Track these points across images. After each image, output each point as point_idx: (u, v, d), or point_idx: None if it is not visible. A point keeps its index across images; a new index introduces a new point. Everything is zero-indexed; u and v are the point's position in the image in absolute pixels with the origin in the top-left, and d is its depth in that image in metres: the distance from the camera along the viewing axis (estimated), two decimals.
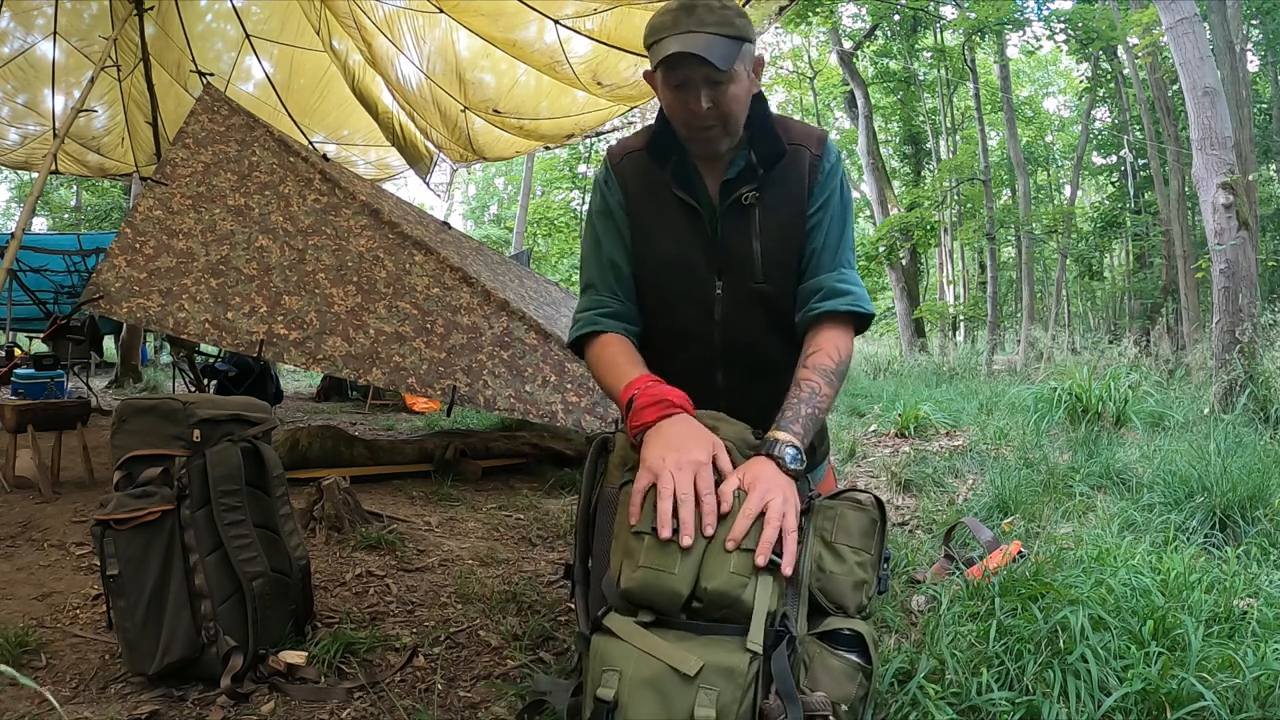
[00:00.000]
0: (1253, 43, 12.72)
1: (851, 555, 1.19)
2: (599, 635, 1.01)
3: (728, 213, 1.38)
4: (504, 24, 4.70)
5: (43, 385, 4.66)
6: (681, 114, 1.32)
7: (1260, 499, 2.49)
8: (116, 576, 1.49)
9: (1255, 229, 6.93)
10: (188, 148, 3.72)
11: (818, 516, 1.21)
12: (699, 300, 1.41)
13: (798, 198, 1.39)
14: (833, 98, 18.62)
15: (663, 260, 1.42)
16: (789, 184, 1.39)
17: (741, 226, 1.38)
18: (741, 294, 1.40)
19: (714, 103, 1.28)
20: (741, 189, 1.37)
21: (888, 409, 5.72)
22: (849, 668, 1.10)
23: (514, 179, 27.52)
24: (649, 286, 1.45)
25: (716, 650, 0.97)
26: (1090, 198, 21.37)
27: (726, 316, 1.41)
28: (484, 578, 2.25)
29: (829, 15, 12.92)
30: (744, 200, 1.37)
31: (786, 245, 1.39)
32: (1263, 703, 1.31)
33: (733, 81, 1.28)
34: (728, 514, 1.06)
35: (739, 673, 0.94)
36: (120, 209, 17.50)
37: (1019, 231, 13.47)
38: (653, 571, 1.02)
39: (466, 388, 3.34)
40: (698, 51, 1.22)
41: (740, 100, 1.32)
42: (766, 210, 1.38)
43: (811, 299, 1.37)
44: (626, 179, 1.45)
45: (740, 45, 1.27)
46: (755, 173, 1.37)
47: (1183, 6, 5.21)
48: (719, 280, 1.40)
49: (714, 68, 1.23)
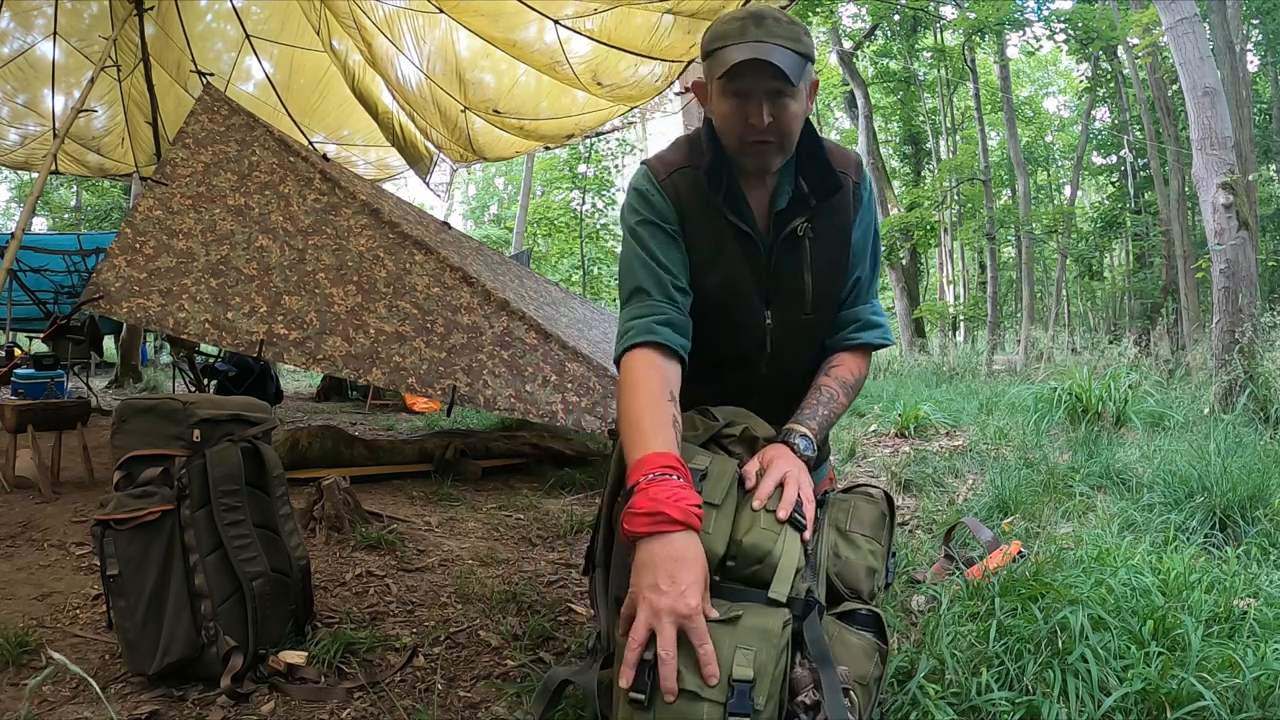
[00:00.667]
0: (1253, 43, 12.72)
1: (865, 543, 1.24)
2: None
3: (781, 244, 1.36)
4: (504, 24, 4.70)
5: (43, 385, 4.66)
6: (738, 125, 1.27)
7: (1260, 499, 2.49)
8: (116, 576, 1.49)
9: (1255, 229, 6.93)
10: (188, 148, 3.72)
11: (832, 509, 1.28)
12: (750, 329, 1.40)
13: (843, 228, 1.40)
14: (833, 98, 18.61)
15: (715, 287, 1.38)
16: (836, 214, 1.39)
17: (794, 258, 1.37)
18: (791, 324, 1.40)
19: (775, 117, 1.24)
20: (795, 220, 1.35)
21: (888, 409, 5.71)
22: (868, 645, 1.13)
23: (514, 179, 27.53)
24: (699, 314, 1.38)
25: (750, 613, 1.00)
26: (1090, 198, 21.37)
27: (776, 346, 1.41)
28: (484, 578, 2.25)
29: (829, 15, 12.93)
30: (798, 232, 1.36)
31: (834, 277, 1.41)
32: (1263, 703, 1.31)
33: (795, 99, 1.26)
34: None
35: (774, 634, 0.98)
36: (120, 209, 17.50)
37: (1019, 231, 13.47)
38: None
39: (466, 388, 3.34)
40: (769, 59, 1.18)
41: (798, 119, 1.29)
42: (817, 242, 1.37)
43: (849, 327, 1.45)
44: (679, 197, 1.37)
45: (806, 64, 1.25)
46: (807, 204, 1.35)
47: (1183, 6, 5.21)
48: (768, 309, 1.40)
49: (785, 80, 1.20)
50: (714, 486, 1.13)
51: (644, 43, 4.42)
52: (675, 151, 1.42)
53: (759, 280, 1.38)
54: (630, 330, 1.31)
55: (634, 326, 1.30)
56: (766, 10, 1.26)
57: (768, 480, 1.16)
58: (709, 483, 1.13)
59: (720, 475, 1.15)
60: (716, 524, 1.09)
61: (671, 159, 1.41)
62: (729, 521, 1.11)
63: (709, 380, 1.42)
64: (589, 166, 19.42)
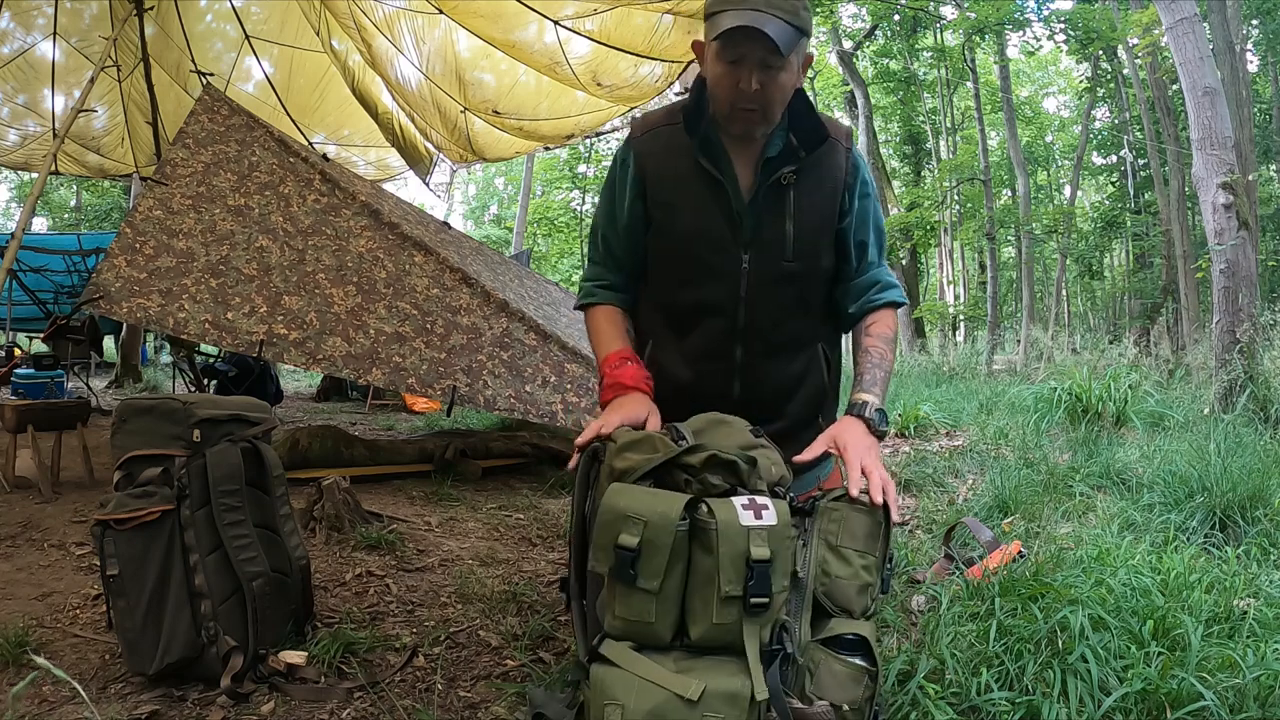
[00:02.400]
0: (1253, 43, 12.72)
1: (856, 559, 1.18)
2: (597, 665, 1.01)
3: (765, 188, 1.39)
4: (504, 25, 4.70)
5: (43, 385, 4.66)
6: (729, 90, 1.31)
7: (1260, 499, 2.49)
8: (116, 576, 1.49)
9: (1255, 229, 6.92)
10: (188, 148, 3.72)
11: (822, 519, 1.21)
12: (724, 275, 1.42)
13: (831, 186, 1.42)
14: (833, 98, 18.60)
15: (686, 233, 1.43)
16: (824, 171, 1.42)
17: (777, 206, 1.40)
18: (769, 271, 1.42)
19: (763, 85, 1.28)
20: (781, 169, 1.38)
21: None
22: (854, 671, 1.10)
23: (514, 179, 27.51)
24: (673, 258, 1.46)
25: (718, 674, 0.97)
26: (1090, 198, 21.36)
27: (751, 292, 1.42)
28: (484, 578, 2.25)
29: (829, 15, 12.93)
30: (783, 181, 1.39)
31: (818, 228, 1.43)
32: (1263, 703, 1.31)
33: (785, 70, 1.29)
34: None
35: (742, 698, 0.94)
36: (120, 209, 17.50)
37: (1019, 231, 13.47)
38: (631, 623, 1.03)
39: (466, 388, 3.34)
40: (763, 28, 1.21)
41: (786, 90, 1.33)
42: (801, 192, 1.40)
43: (869, 291, 1.47)
44: (646, 155, 1.45)
45: (800, 36, 1.28)
46: (796, 154, 1.39)
47: (1183, 6, 5.20)
48: (745, 255, 1.41)
49: (774, 50, 1.23)
50: (649, 564, 1.02)
51: (644, 43, 4.41)
52: (659, 113, 1.51)
53: (731, 225, 1.41)
54: (582, 290, 1.59)
55: (584, 289, 1.58)
56: None
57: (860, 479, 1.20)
58: (642, 562, 1.02)
59: (657, 547, 1.02)
60: (659, 612, 1.01)
61: (652, 119, 1.50)
62: (674, 604, 1.02)
63: (691, 329, 1.47)
64: (589, 166, 19.43)
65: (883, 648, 1.69)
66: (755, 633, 1.00)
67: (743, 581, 0.99)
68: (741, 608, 0.99)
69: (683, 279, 1.45)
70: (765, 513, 1.04)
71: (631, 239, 1.50)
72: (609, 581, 1.06)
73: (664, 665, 0.98)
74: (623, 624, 1.03)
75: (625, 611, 1.03)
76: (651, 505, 1.04)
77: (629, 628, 1.03)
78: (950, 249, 18.06)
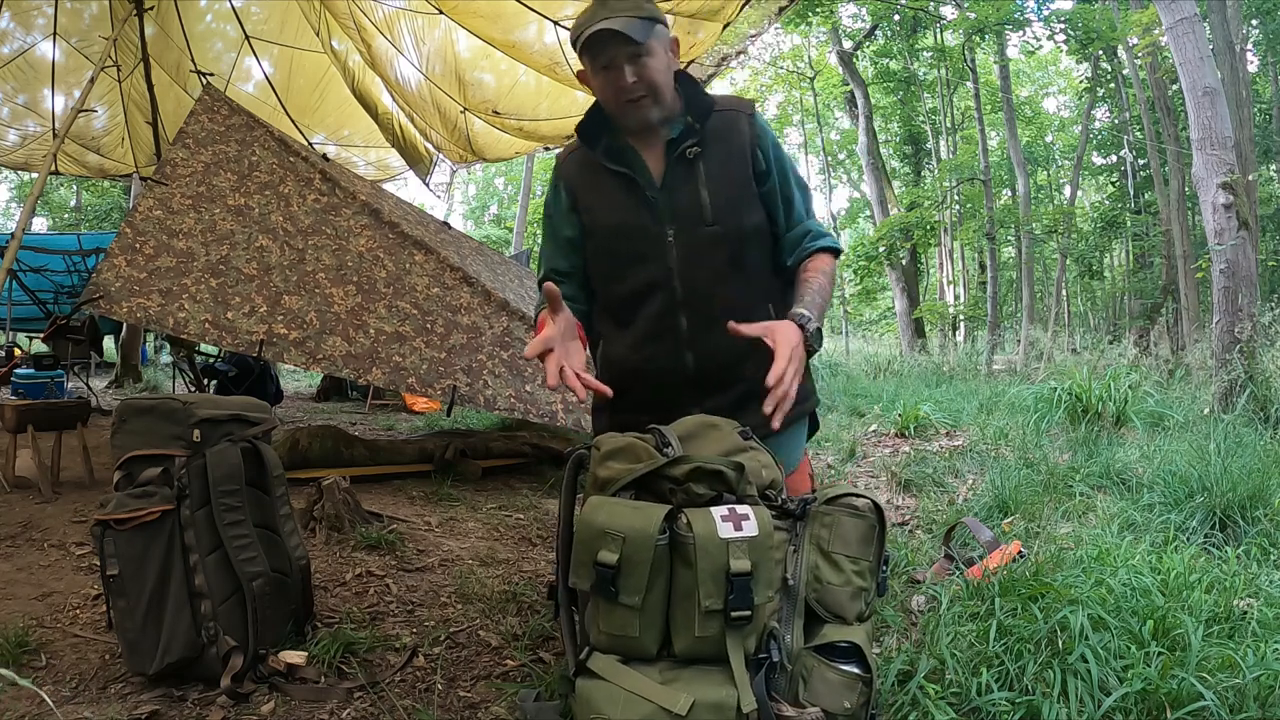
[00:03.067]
0: (1253, 43, 12.71)
1: (849, 565, 1.17)
2: (583, 679, 1.01)
3: (674, 166, 1.49)
4: (503, 25, 4.69)
5: (43, 385, 4.66)
6: (612, 91, 1.44)
7: (1260, 499, 2.49)
8: (116, 576, 1.49)
9: (1255, 229, 6.93)
10: (188, 148, 3.72)
11: (814, 524, 1.19)
12: (653, 252, 1.49)
13: (739, 150, 1.51)
14: (833, 98, 18.60)
15: (609, 228, 1.53)
16: (729, 138, 1.51)
17: (688, 178, 1.49)
18: (695, 238, 1.48)
19: (638, 75, 1.41)
20: (684, 144, 1.48)
21: (888, 409, 5.72)
22: (848, 679, 1.09)
23: (514, 179, 27.51)
24: (604, 254, 1.55)
25: (704, 684, 0.97)
26: (1090, 198, 21.35)
27: (682, 260, 1.48)
28: (484, 578, 2.25)
29: (829, 15, 12.92)
30: (688, 155, 1.48)
31: (733, 191, 1.49)
32: (1263, 703, 1.31)
33: (650, 55, 1.42)
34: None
35: (728, 708, 0.95)
36: (120, 209, 17.49)
37: (1019, 231, 13.46)
38: (616, 637, 1.03)
39: (466, 388, 3.34)
40: (614, 28, 1.36)
41: (661, 71, 1.44)
42: (710, 161, 1.49)
43: (804, 240, 1.53)
44: (570, 176, 1.59)
45: (652, 25, 1.41)
46: (694, 130, 1.49)
47: (1183, 6, 5.20)
48: (669, 229, 1.48)
49: (631, 40, 1.37)
50: (629, 580, 1.01)
51: None
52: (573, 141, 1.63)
53: (650, 208, 1.49)
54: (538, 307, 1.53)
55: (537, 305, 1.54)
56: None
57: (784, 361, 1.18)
58: (622, 578, 1.01)
59: (636, 564, 1.01)
60: (643, 626, 1.01)
61: (570, 145, 1.62)
62: (658, 617, 1.02)
63: (635, 312, 1.52)
64: None
65: (883, 648, 1.69)
66: (739, 644, 1.00)
67: (723, 595, 0.99)
68: (723, 621, 0.99)
69: (616, 267, 1.54)
70: (745, 523, 1.03)
71: (574, 249, 1.59)
72: (592, 597, 1.07)
73: (651, 677, 0.99)
74: (607, 638, 1.04)
75: (609, 626, 1.03)
76: (630, 521, 1.04)
77: (614, 642, 1.03)
78: (950, 249, 18.04)
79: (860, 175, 19.97)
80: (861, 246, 15.22)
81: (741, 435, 1.22)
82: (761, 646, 1.02)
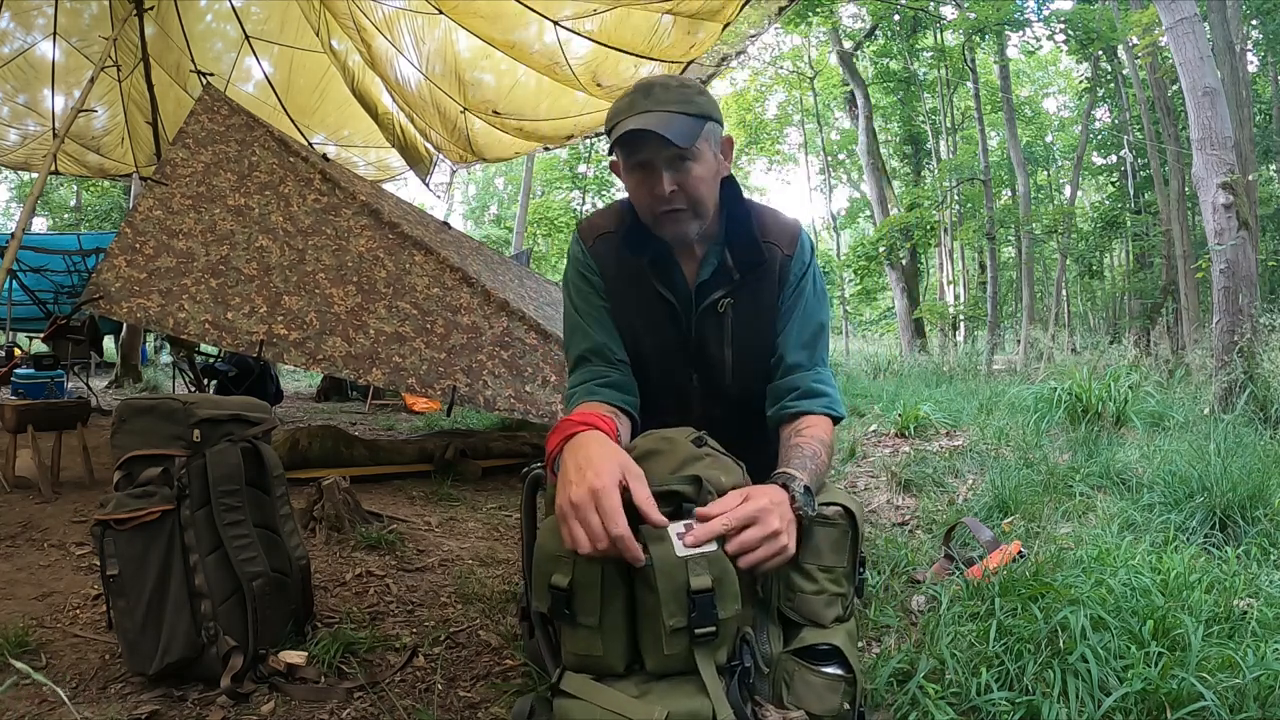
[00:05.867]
0: (1253, 43, 12.71)
1: (822, 575, 1.15)
2: (560, 699, 1.00)
3: (702, 315, 1.37)
4: (503, 25, 4.70)
5: (43, 385, 4.67)
6: (645, 198, 1.28)
7: (1260, 499, 2.49)
8: (116, 576, 1.49)
9: (1255, 229, 6.93)
10: (188, 148, 3.72)
11: None
12: (677, 392, 1.43)
13: (769, 303, 1.38)
14: (833, 98, 18.61)
15: (650, 351, 1.41)
16: (761, 288, 1.37)
17: (714, 331, 1.38)
18: (717, 391, 1.43)
19: (679, 184, 1.24)
20: (715, 294, 1.35)
21: (888, 409, 5.72)
22: (830, 681, 1.09)
23: (514, 179, 27.51)
24: (639, 377, 1.44)
25: (678, 696, 0.96)
26: (1090, 198, 21.36)
27: (707, 409, 1.43)
28: (484, 578, 2.26)
29: (829, 15, 12.94)
30: (719, 308, 1.36)
31: (757, 351, 1.39)
32: (1263, 703, 1.31)
33: (697, 160, 1.24)
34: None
35: (703, 718, 0.94)
36: (120, 209, 17.51)
37: (1019, 231, 13.47)
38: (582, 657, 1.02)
39: (466, 388, 3.34)
40: (655, 129, 1.17)
41: (706, 181, 1.27)
42: (738, 317, 1.37)
43: (787, 396, 1.35)
44: (603, 263, 1.42)
45: (703, 123, 1.23)
46: (730, 276, 1.35)
47: (1183, 6, 5.20)
48: (694, 375, 1.41)
49: (674, 145, 1.19)
50: (583, 601, 1.00)
51: (643, 44, 4.41)
52: (603, 217, 1.45)
53: (684, 347, 1.40)
54: (574, 395, 1.36)
55: (577, 391, 1.36)
56: (656, 79, 1.26)
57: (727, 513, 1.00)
58: (576, 601, 1.00)
59: (586, 585, 1.00)
60: (606, 644, 1.00)
61: (598, 224, 1.44)
62: (620, 634, 1.00)
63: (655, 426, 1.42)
64: (589, 166, 19.45)
65: (882, 648, 1.69)
66: (709, 657, 0.98)
67: (686, 613, 0.97)
68: (689, 638, 0.97)
69: (647, 396, 1.42)
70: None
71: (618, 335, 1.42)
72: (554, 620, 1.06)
73: (626, 691, 0.98)
74: (575, 658, 1.03)
75: (574, 647, 1.03)
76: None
77: (582, 661, 1.02)
78: (950, 249, 18.04)
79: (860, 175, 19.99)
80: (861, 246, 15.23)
81: (695, 443, 1.14)
82: (734, 654, 1.01)
